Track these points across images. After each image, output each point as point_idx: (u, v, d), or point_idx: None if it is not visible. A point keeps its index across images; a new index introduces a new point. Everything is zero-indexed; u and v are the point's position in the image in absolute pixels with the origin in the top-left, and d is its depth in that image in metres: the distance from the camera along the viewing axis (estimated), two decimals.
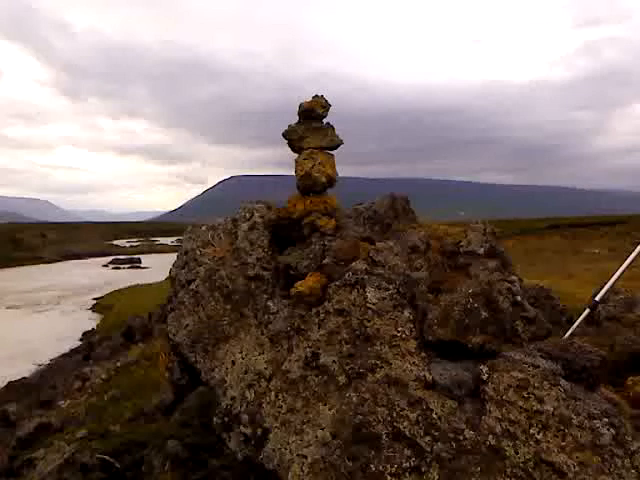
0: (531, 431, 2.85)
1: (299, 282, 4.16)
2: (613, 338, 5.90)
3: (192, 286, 4.85)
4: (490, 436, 2.89)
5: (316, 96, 5.03)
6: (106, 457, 5.41)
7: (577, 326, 4.57)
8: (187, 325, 4.64)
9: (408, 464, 2.91)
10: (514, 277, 5.58)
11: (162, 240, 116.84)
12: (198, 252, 5.09)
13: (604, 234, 39.84)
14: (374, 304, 3.56)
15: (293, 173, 5.08)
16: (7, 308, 33.53)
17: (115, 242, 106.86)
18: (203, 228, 5.35)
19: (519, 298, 4.52)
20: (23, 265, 64.49)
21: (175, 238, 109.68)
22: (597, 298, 4.79)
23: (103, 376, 13.09)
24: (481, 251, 6.43)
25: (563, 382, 3.06)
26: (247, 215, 5.05)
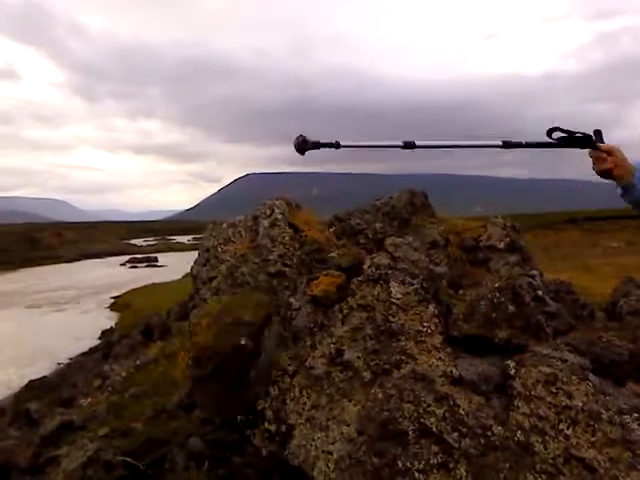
0: (560, 426, 2.82)
1: (314, 282, 4.15)
2: (635, 332, 5.83)
3: (214, 283, 4.86)
4: (519, 432, 2.86)
5: None
6: (128, 459, 5.43)
7: None
8: None
9: (435, 460, 2.88)
10: (535, 272, 5.53)
11: (179, 238, 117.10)
12: (219, 249, 5.09)
13: (623, 227, 39.43)
14: (399, 299, 3.53)
15: (306, 170, 5.07)
16: (26, 307, 33.78)
17: (132, 241, 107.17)
18: (224, 225, 5.35)
19: (540, 293, 4.48)
20: (41, 265, 64.92)
21: (192, 236, 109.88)
22: None
23: (123, 374, 13.13)
24: (501, 246, 6.38)
25: (592, 377, 3.02)
26: (268, 212, 5.04)
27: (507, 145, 2.73)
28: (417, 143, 2.92)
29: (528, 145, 2.66)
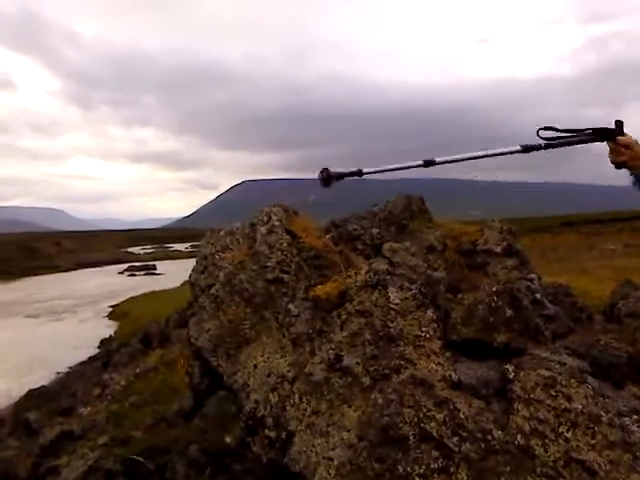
0: (560, 429, 2.83)
1: (319, 286, 4.16)
2: (634, 334, 5.85)
3: (212, 290, 4.86)
4: (519, 435, 2.86)
5: None
6: (139, 458, 5.44)
7: None
8: (209, 329, 4.64)
9: (436, 465, 2.88)
10: (533, 275, 5.55)
11: (176, 246, 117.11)
12: (217, 257, 5.10)
13: (619, 230, 39.52)
14: (397, 304, 3.54)
15: (303, 177, 5.08)
16: (25, 317, 33.75)
17: (130, 249, 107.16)
18: (221, 233, 5.37)
19: (539, 296, 4.50)
20: (40, 274, 64.86)
21: (189, 244, 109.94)
22: None
23: (122, 383, 13.14)
24: (498, 249, 6.40)
25: (591, 379, 3.03)
26: (265, 219, 5.05)
27: (527, 149, 2.64)
28: (437, 160, 2.85)
29: (549, 146, 2.60)
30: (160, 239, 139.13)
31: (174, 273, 46.72)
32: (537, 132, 2.50)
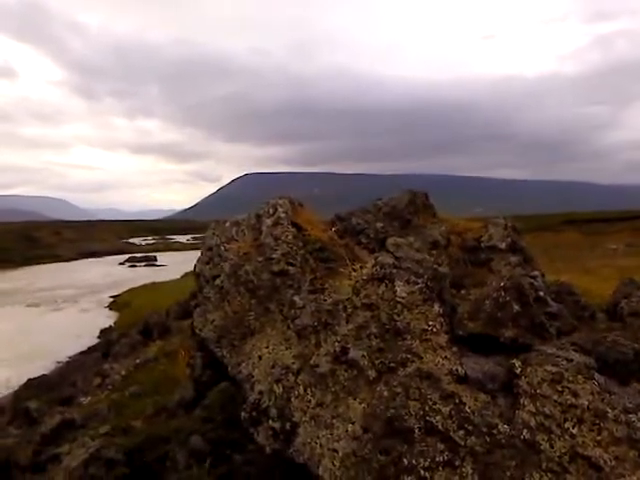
0: (566, 425, 2.82)
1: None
2: (637, 333, 5.84)
3: (217, 281, 4.85)
4: (525, 430, 2.86)
5: None
6: None
7: None
8: (213, 320, 4.64)
9: (441, 458, 2.88)
10: (536, 272, 5.53)
11: (177, 238, 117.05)
12: (222, 248, 5.09)
13: (621, 229, 39.50)
14: (403, 298, 3.53)
15: (305, 170, 5.07)
16: (26, 306, 33.77)
17: (131, 240, 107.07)
18: (227, 224, 5.36)
19: (542, 293, 4.48)
20: (40, 263, 64.85)
21: (190, 236, 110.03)
22: None
23: (123, 373, 13.17)
24: (503, 246, 6.37)
25: (597, 376, 3.03)
26: (271, 211, 5.05)
27: None
28: None
29: None
30: (161, 230, 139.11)
31: (175, 265, 46.75)
32: None
